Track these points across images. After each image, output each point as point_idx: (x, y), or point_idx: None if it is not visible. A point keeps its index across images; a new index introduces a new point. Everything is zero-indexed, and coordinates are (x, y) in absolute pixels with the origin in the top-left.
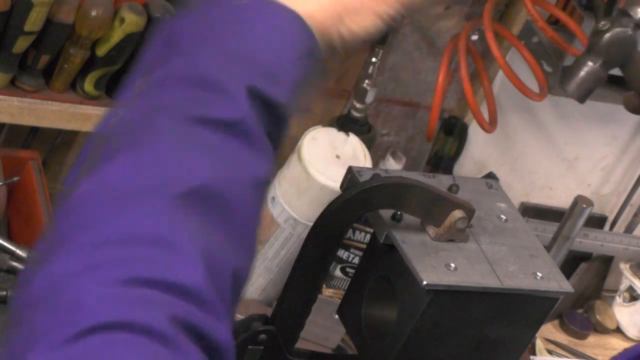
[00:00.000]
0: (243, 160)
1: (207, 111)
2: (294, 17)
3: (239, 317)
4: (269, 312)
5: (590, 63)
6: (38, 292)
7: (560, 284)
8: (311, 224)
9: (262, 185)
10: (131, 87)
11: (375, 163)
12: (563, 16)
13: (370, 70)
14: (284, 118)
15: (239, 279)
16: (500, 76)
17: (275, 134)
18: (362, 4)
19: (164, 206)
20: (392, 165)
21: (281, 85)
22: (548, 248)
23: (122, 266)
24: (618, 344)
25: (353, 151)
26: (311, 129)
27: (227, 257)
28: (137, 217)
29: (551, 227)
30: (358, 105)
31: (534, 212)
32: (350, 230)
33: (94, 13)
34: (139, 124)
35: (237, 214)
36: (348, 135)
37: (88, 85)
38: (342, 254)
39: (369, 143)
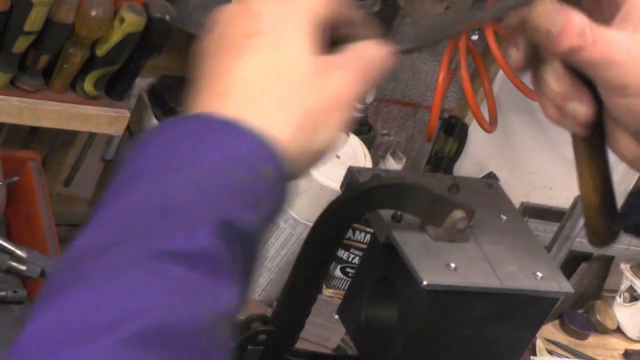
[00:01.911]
0: (207, 295)
1: (171, 244)
2: (262, 143)
3: (239, 317)
4: (269, 312)
5: None
6: None
7: (560, 284)
8: (311, 224)
9: (227, 319)
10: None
11: (375, 163)
12: None
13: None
14: (253, 243)
15: None
16: (500, 76)
17: (246, 261)
18: (320, 112)
19: (122, 344)
20: (392, 165)
21: (250, 214)
22: (548, 248)
23: None
24: (618, 345)
25: (353, 151)
26: None
27: None
28: (94, 355)
29: (551, 227)
30: (358, 105)
31: (534, 212)
32: (350, 230)
33: (93, 13)
34: (98, 256)
35: (202, 352)
36: (348, 135)
37: (88, 85)
38: (342, 254)
39: (369, 143)
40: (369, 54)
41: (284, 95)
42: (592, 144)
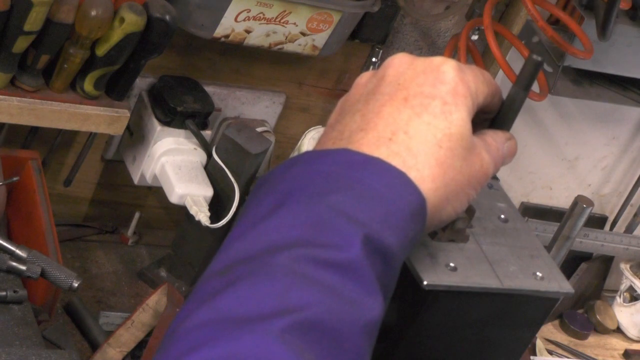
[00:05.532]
0: (355, 302)
1: (322, 253)
2: (407, 180)
3: None
4: None
5: None
6: None
7: (560, 285)
8: None
9: (371, 329)
10: (241, 226)
11: None
12: (563, 16)
13: (370, 70)
14: (395, 267)
15: None
16: (500, 76)
17: (386, 282)
18: (461, 187)
19: (280, 333)
20: None
21: (394, 235)
22: (548, 248)
23: None
24: (618, 344)
25: None
26: (311, 129)
27: None
28: (253, 341)
29: (551, 227)
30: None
31: (534, 212)
32: None
33: (93, 13)
34: (257, 260)
35: (348, 354)
36: None
37: (88, 85)
38: None
39: None
40: (507, 148)
41: (442, 161)
42: None
